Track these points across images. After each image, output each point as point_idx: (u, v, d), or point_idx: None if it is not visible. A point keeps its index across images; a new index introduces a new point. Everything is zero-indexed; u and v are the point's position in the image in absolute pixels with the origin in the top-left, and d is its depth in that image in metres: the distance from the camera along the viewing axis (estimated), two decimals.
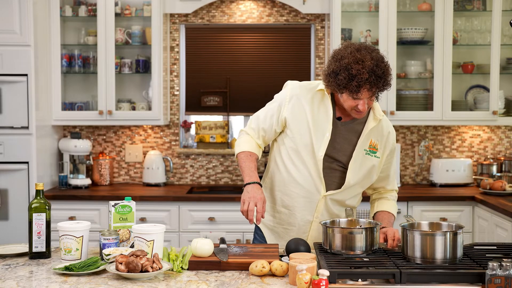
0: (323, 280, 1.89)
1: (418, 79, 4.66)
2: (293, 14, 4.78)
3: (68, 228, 2.32)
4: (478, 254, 2.24)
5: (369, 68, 2.36)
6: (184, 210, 4.23)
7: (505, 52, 4.61)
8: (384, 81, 2.40)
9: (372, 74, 2.36)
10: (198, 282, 2.08)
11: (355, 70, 2.36)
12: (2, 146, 4.15)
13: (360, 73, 2.36)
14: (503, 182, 4.22)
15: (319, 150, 2.55)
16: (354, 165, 2.58)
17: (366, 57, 2.38)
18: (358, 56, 2.38)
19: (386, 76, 2.40)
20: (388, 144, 2.65)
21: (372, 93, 2.42)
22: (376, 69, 2.37)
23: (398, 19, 4.46)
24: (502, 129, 4.82)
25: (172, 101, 4.83)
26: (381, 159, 2.64)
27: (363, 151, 2.59)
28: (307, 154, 2.58)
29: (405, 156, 4.83)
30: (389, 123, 2.70)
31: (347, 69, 2.38)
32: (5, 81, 4.13)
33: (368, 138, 2.60)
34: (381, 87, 2.42)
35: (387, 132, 2.65)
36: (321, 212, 2.62)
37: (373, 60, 2.38)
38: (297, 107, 2.60)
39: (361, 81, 2.36)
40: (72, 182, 4.49)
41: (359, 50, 2.41)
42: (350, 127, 2.60)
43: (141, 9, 4.60)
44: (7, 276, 2.16)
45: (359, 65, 2.37)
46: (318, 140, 2.56)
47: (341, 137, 2.59)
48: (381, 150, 2.63)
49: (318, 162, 2.56)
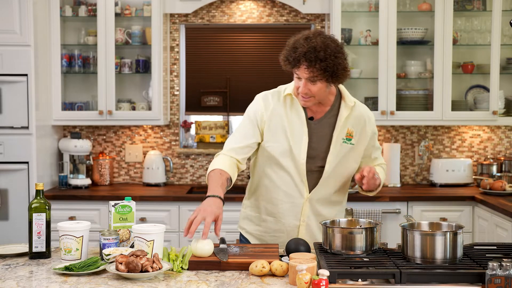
0: (323, 280, 1.89)
1: (418, 79, 4.66)
2: (293, 14, 4.78)
3: (68, 228, 2.32)
4: (478, 254, 2.24)
5: (311, 46, 2.39)
6: (184, 210, 4.23)
7: (505, 52, 4.61)
8: (324, 65, 2.39)
9: (313, 52, 2.38)
10: (198, 282, 2.08)
11: (299, 44, 2.42)
12: (2, 146, 4.15)
13: (301, 46, 2.40)
14: (503, 182, 4.22)
15: (300, 154, 2.55)
16: (331, 157, 2.58)
17: (316, 38, 2.42)
18: (310, 36, 2.43)
19: (328, 60, 2.39)
20: (365, 130, 2.65)
21: (310, 73, 2.41)
22: (319, 50, 2.38)
23: (398, 19, 4.46)
24: (502, 129, 4.82)
25: (172, 101, 4.83)
26: (356, 146, 2.63)
27: (341, 140, 2.59)
28: (287, 160, 2.57)
29: (405, 156, 4.83)
30: (366, 109, 2.69)
31: (293, 43, 2.45)
32: (5, 81, 4.13)
33: (345, 126, 2.60)
34: (321, 72, 2.41)
35: (364, 118, 2.64)
36: (307, 216, 2.61)
37: (322, 44, 2.40)
38: (272, 116, 2.59)
39: (300, 54, 2.39)
40: (72, 182, 4.49)
41: (316, 33, 2.46)
42: (324, 122, 2.60)
43: (141, 9, 4.60)
44: (7, 276, 2.16)
45: (305, 41, 2.42)
46: (296, 145, 2.56)
47: (316, 135, 2.59)
48: (356, 137, 2.62)
49: (301, 166, 2.56)
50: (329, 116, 2.60)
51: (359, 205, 4.20)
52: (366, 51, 4.68)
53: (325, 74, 2.41)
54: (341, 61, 2.43)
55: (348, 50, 4.71)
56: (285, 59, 2.48)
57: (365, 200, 4.22)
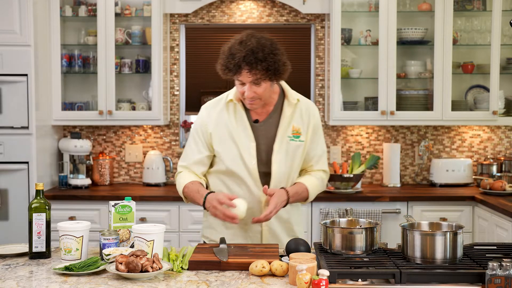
0: (323, 280, 1.89)
1: (418, 79, 4.66)
2: (293, 14, 4.78)
3: (68, 228, 2.32)
4: (478, 254, 2.24)
5: (248, 49, 2.39)
6: (184, 210, 4.23)
7: (505, 52, 4.61)
8: (266, 65, 2.39)
9: (251, 55, 2.38)
10: (198, 282, 2.08)
11: (235, 49, 2.41)
12: (2, 146, 4.15)
13: (238, 51, 2.40)
14: (503, 182, 4.22)
15: (250, 159, 2.55)
16: (277, 156, 2.56)
17: (251, 40, 2.42)
18: (244, 39, 2.43)
19: (268, 60, 2.39)
20: (310, 124, 2.63)
21: (253, 76, 2.41)
22: (257, 51, 2.38)
23: (398, 19, 4.46)
24: (502, 129, 4.82)
25: (172, 101, 4.83)
26: (305, 142, 2.62)
27: (287, 138, 2.58)
28: (239, 167, 2.57)
29: (405, 156, 4.83)
30: (310, 104, 2.67)
31: (230, 49, 2.44)
32: (5, 81, 4.13)
33: (289, 124, 2.59)
34: (263, 72, 2.40)
35: (308, 113, 2.63)
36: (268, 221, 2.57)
37: (258, 44, 2.40)
38: (216, 125, 2.60)
39: (239, 60, 2.38)
40: (72, 182, 4.49)
41: (249, 34, 2.45)
42: (269, 123, 2.59)
43: (141, 9, 4.60)
44: (7, 276, 2.16)
45: (240, 46, 2.41)
46: (245, 150, 2.55)
47: (263, 137, 2.58)
48: (304, 133, 2.61)
49: (253, 171, 2.56)
50: (273, 116, 2.60)
51: (359, 205, 4.20)
52: (366, 51, 4.68)
53: (268, 73, 2.42)
54: (279, 57, 2.43)
55: (348, 50, 4.75)
56: (224, 67, 2.46)
57: (365, 200, 4.22)
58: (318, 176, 2.70)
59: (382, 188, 4.60)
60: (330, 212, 4.15)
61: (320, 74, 4.79)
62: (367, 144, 4.81)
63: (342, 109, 4.53)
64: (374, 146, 4.80)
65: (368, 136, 4.81)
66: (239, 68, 2.40)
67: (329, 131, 4.80)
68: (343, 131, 4.80)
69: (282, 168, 2.58)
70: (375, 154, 4.75)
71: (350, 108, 4.59)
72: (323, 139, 2.72)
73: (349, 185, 4.31)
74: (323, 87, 4.79)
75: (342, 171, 4.38)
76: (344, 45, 4.60)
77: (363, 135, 4.80)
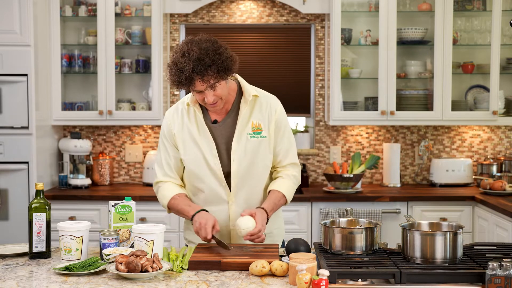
0: (323, 280, 1.89)
1: (418, 79, 4.66)
2: (293, 14, 4.78)
3: (68, 228, 2.32)
4: (478, 254, 2.24)
5: (194, 58, 2.33)
6: None
7: (505, 52, 4.61)
8: (216, 68, 2.36)
9: (199, 64, 2.33)
10: (198, 282, 2.08)
11: (181, 63, 2.35)
12: (2, 146, 4.15)
13: (185, 64, 2.34)
14: (503, 182, 4.22)
15: (213, 160, 2.53)
16: (235, 155, 2.54)
17: (192, 48, 2.35)
18: (185, 49, 2.37)
19: (216, 62, 2.35)
20: (272, 119, 2.59)
21: (207, 83, 2.38)
22: (203, 58, 2.33)
23: (398, 19, 4.46)
24: (502, 129, 4.82)
25: (172, 101, 4.83)
26: (269, 137, 2.58)
27: (247, 135, 2.55)
28: (204, 169, 2.55)
29: (405, 156, 4.83)
30: (270, 98, 2.63)
31: (175, 64, 2.37)
32: (5, 81, 4.13)
33: (248, 121, 2.56)
34: (216, 75, 2.37)
35: (268, 108, 2.59)
36: (236, 220, 2.55)
37: (201, 50, 2.35)
38: (179, 129, 2.59)
39: (189, 73, 2.34)
40: (72, 182, 4.49)
41: (188, 43, 2.39)
42: (227, 123, 2.58)
43: (141, 9, 4.60)
44: (7, 276, 2.16)
45: (184, 57, 2.35)
46: (207, 152, 2.54)
47: (222, 137, 2.57)
48: (266, 129, 2.58)
49: (217, 172, 2.54)
50: (231, 115, 2.58)
51: (359, 205, 4.20)
52: (366, 51, 4.68)
53: (220, 74, 2.38)
54: (225, 54, 2.40)
55: (348, 50, 4.75)
56: (177, 82, 2.40)
57: (365, 200, 4.22)
58: (289, 174, 2.64)
59: (382, 188, 4.60)
60: (330, 212, 4.15)
61: (320, 74, 4.79)
62: (367, 144, 4.81)
63: (342, 109, 4.53)
64: (374, 146, 4.80)
65: (368, 136, 4.81)
66: (191, 80, 2.36)
67: (329, 131, 4.80)
68: (343, 131, 4.80)
69: (242, 166, 2.55)
70: (375, 154, 4.75)
71: (350, 108, 4.59)
72: (289, 132, 2.65)
73: (349, 185, 4.31)
74: (323, 87, 4.79)
75: (342, 171, 4.39)
76: (344, 45, 4.60)
77: (363, 135, 4.80)
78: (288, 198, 2.61)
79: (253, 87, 2.63)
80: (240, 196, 2.58)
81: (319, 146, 4.81)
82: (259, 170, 2.59)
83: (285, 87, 4.76)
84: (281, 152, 2.63)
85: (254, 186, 2.60)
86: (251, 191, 2.60)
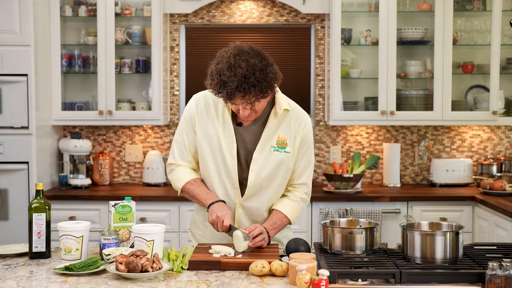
0: (323, 280, 1.89)
1: (418, 79, 4.66)
2: (293, 14, 4.78)
3: (68, 228, 2.32)
4: (478, 254, 2.25)
5: (240, 76, 2.26)
6: (184, 210, 4.23)
7: (505, 52, 4.61)
8: (259, 88, 2.28)
9: (244, 83, 2.26)
10: (198, 282, 2.08)
11: (226, 76, 2.28)
12: (2, 146, 4.15)
13: (230, 80, 2.27)
14: (503, 182, 4.22)
15: (231, 160, 2.48)
16: (256, 165, 2.49)
17: (240, 64, 2.28)
18: (232, 62, 2.28)
19: (260, 82, 2.28)
20: (298, 135, 2.53)
21: (248, 100, 2.31)
22: (249, 76, 2.26)
23: (398, 19, 4.46)
24: (502, 129, 4.82)
25: (172, 101, 4.83)
26: (292, 153, 2.52)
27: (270, 148, 2.49)
28: (219, 166, 2.51)
29: (405, 156, 4.83)
30: (302, 114, 2.57)
31: (219, 75, 2.30)
32: (5, 81, 4.13)
33: (275, 133, 2.49)
34: (257, 95, 2.30)
35: (297, 124, 2.53)
36: (242, 223, 2.55)
37: (248, 67, 2.27)
38: (204, 119, 2.53)
39: (232, 89, 2.26)
40: (72, 182, 4.49)
41: (237, 55, 2.31)
42: (251, 130, 2.51)
43: (141, 9, 4.60)
44: (7, 276, 2.16)
45: (230, 71, 2.27)
46: (227, 150, 2.48)
47: (244, 142, 2.51)
48: (291, 145, 2.51)
49: (232, 173, 2.49)
50: (258, 123, 2.51)
51: (359, 205, 4.20)
52: (366, 51, 4.68)
53: (262, 93, 2.32)
54: (271, 74, 2.33)
55: (348, 50, 4.75)
56: (216, 92, 2.34)
57: (365, 200, 4.22)
58: (297, 197, 2.60)
59: (382, 188, 4.60)
60: (330, 212, 4.15)
61: (320, 74, 4.79)
62: (367, 144, 4.81)
63: (342, 109, 4.53)
64: (374, 146, 4.80)
65: (368, 136, 4.81)
66: (233, 95, 2.29)
67: (329, 131, 4.80)
68: (343, 131, 4.80)
69: (260, 178, 2.49)
70: (375, 154, 4.75)
71: (350, 108, 4.59)
72: (311, 152, 2.59)
73: (349, 185, 4.31)
74: (323, 87, 4.79)
75: (342, 171, 4.39)
76: (344, 45, 4.60)
77: (363, 135, 4.80)
78: (292, 219, 2.57)
79: (286, 100, 2.56)
80: (250, 204, 2.55)
81: (319, 146, 4.81)
82: (275, 185, 2.54)
83: (285, 87, 4.73)
84: (297, 170, 2.57)
85: (269, 198, 2.56)
86: (263, 201, 2.55)
